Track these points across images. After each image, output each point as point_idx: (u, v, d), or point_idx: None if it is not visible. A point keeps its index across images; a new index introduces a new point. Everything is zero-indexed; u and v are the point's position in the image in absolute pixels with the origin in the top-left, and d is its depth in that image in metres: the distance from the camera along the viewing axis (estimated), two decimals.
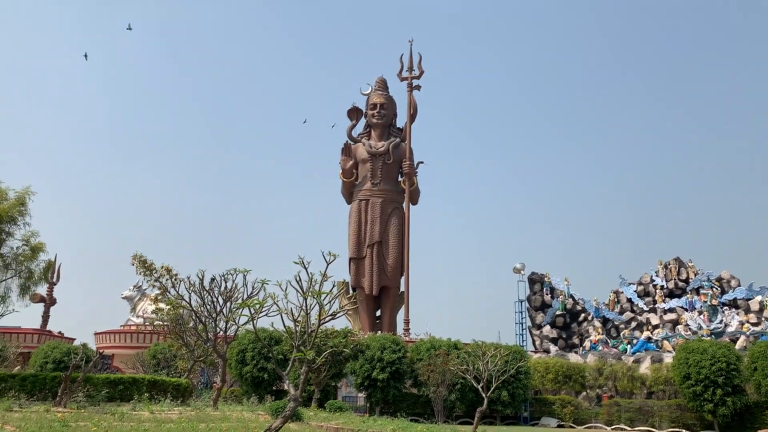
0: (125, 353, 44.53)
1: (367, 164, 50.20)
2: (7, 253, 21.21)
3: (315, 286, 14.81)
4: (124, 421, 16.39)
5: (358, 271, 48.25)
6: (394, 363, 32.64)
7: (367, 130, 52.38)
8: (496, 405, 32.43)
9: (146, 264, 26.96)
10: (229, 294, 23.84)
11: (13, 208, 20.86)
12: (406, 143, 50.81)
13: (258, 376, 33.35)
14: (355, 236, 48.95)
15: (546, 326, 51.66)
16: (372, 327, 46.52)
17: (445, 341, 34.72)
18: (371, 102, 51.96)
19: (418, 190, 51.27)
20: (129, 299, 51.18)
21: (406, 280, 47.92)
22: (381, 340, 33.82)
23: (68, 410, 17.92)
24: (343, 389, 37.28)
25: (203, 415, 18.81)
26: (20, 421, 15.07)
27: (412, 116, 51.86)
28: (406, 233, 48.97)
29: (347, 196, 51.38)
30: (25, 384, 20.96)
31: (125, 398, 21.49)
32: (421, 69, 52.45)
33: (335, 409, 25.48)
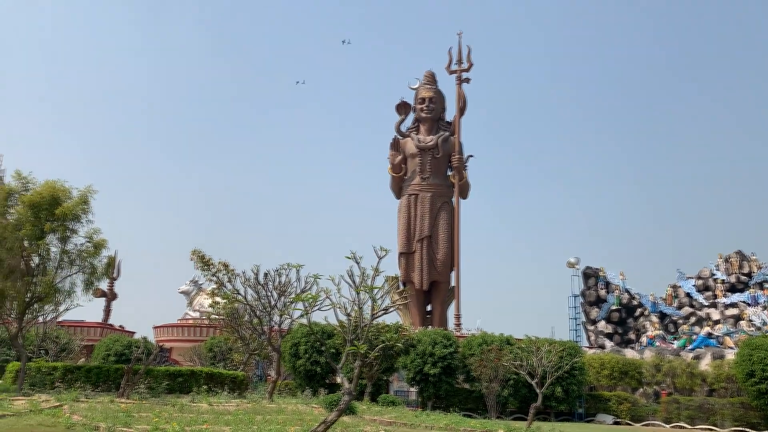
0: (183, 346, 45.77)
1: (416, 159, 50.10)
2: (72, 249, 21.94)
3: (367, 280, 14.92)
4: (184, 413, 16.88)
5: (408, 266, 48.26)
6: (445, 358, 32.57)
7: (416, 124, 52.26)
8: (550, 401, 32.02)
9: (204, 259, 27.57)
10: (283, 288, 24.24)
11: (77, 206, 21.61)
12: (456, 137, 50.49)
13: (311, 369, 33.76)
14: (405, 231, 48.95)
15: (601, 321, 50.63)
16: (422, 322, 46.52)
17: (498, 336, 34.44)
18: (420, 96, 51.80)
19: (468, 184, 50.89)
20: (186, 294, 52.55)
21: (456, 274, 47.69)
22: (432, 335, 33.79)
23: (131, 401, 18.55)
24: (395, 383, 37.40)
25: (259, 408, 19.20)
26: (87, 411, 15.71)
27: (461, 109, 51.46)
28: (456, 227, 48.70)
29: (396, 190, 51.38)
30: (90, 375, 21.77)
31: (184, 390, 22.09)
32: (470, 61, 51.99)
33: (388, 403, 25.59)
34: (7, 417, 14.64)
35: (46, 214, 21.07)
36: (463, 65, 51.92)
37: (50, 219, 21.09)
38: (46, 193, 21.26)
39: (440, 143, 49.95)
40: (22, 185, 22.14)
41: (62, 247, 21.86)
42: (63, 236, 21.68)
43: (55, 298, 22.10)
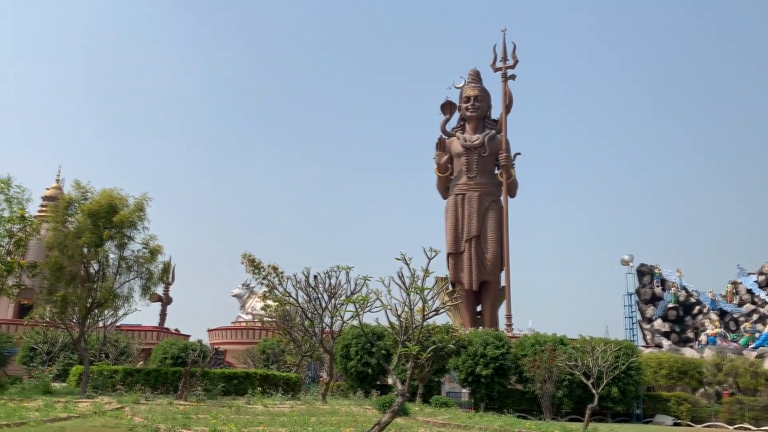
0: (236, 349, 46.63)
1: (463, 158, 49.77)
2: (129, 255, 22.60)
3: (417, 281, 14.88)
4: (240, 414, 17.15)
5: (456, 267, 47.96)
6: (497, 359, 32.24)
7: (462, 123, 51.93)
8: (607, 402, 31.32)
9: (254, 263, 28.06)
10: (334, 290, 24.41)
11: (133, 213, 22.23)
12: (502, 135, 49.94)
13: (362, 370, 33.89)
14: (453, 231, 48.66)
15: (657, 320, 49.22)
16: (473, 323, 46.14)
17: (551, 336, 33.90)
18: (465, 95, 51.46)
19: (516, 183, 50.26)
20: (238, 297, 53.57)
21: (506, 274, 47.14)
22: (483, 336, 33.50)
23: (189, 403, 18.97)
24: (447, 385, 37.22)
25: (313, 409, 19.37)
26: (147, 413, 16.11)
27: (508, 107, 50.85)
28: (505, 227, 48.14)
29: (443, 190, 51.14)
30: (149, 378, 22.36)
31: (239, 392, 22.47)
32: (516, 58, 51.38)
33: (440, 404, 25.48)
34: (73, 419, 15.14)
35: (104, 222, 21.75)
36: (508, 62, 51.33)
37: (108, 227, 21.75)
38: (104, 202, 21.94)
39: (487, 142, 49.50)
40: (81, 194, 22.88)
41: (120, 253, 22.53)
42: (121, 243, 22.35)
43: (115, 303, 22.78)
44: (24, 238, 21.86)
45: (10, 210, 21.13)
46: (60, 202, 23.05)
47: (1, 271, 20.79)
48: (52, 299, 22.55)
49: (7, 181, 21.04)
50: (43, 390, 21.39)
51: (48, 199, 51.42)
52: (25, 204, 21.78)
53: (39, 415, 15.16)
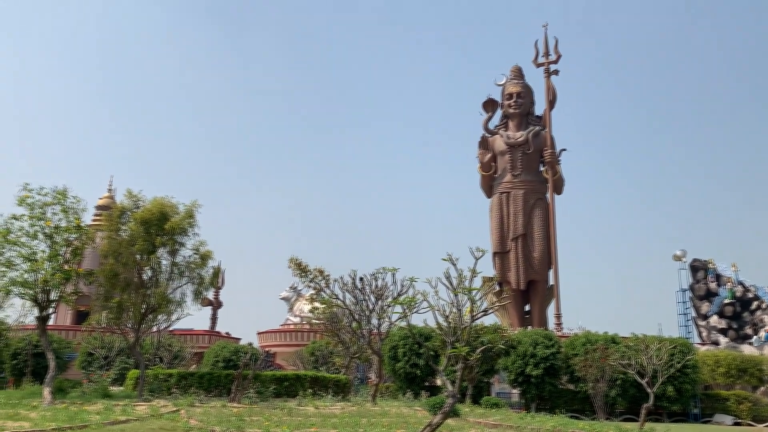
0: (285, 351, 47.18)
1: (506, 156, 49.30)
2: (181, 261, 23.12)
3: (464, 282, 14.80)
4: (292, 416, 17.35)
5: (503, 266, 47.52)
6: (547, 358, 31.80)
7: (504, 121, 51.45)
8: (662, 401, 30.54)
9: (301, 266, 28.32)
10: (380, 292, 24.47)
11: (184, 220, 22.72)
12: (547, 131, 49.31)
13: (410, 371, 33.86)
14: (498, 230, 48.23)
15: (713, 316, 47.76)
16: (521, 322, 45.65)
17: (602, 335, 33.25)
18: (507, 92, 50.99)
19: (562, 179, 49.52)
20: (286, 300, 54.19)
21: (554, 272, 46.48)
22: (533, 336, 33.09)
23: (242, 405, 19.29)
24: (496, 385, 36.89)
25: (364, 411, 19.45)
26: (202, 415, 16.45)
27: (551, 102, 50.20)
28: (552, 224, 47.48)
29: (487, 189, 50.74)
30: (203, 381, 22.81)
31: (290, 394, 22.72)
32: (558, 53, 50.71)
33: (491, 405, 25.28)
34: (132, 422, 15.57)
35: (156, 230, 22.28)
36: (551, 57, 50.70)
37: (160, 234, 22.28)
38: (156, 210, 22.48)
39: (531, 138, 48.93)
40: (134, 203, 23.49)
41: (172, 259, 23.04)
42: (172, 249, 22.86)
43: (168, 308, 23.31)
44: (80, 247, 22.52)
45: (67, 220, 21.79)
46: (113, 211, 23.71)
47: (60, 280, 21.44)
48: (108, 305, 23.21)
49: (63, 192, 21.72)
50: (102, 394, 22.05)
51: (101, 209, 53.02)
52: (81, 214, 22.41)
53: (100, 418, 15.64)
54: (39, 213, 21.30)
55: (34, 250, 21.23)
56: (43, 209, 21.36)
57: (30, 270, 21.04)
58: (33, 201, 21.32)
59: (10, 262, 20.91)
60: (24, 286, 21.08)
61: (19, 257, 21.02)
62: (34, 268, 21.00)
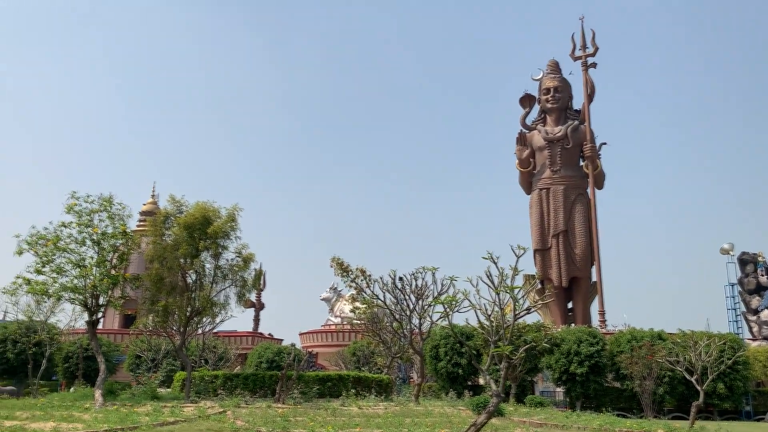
0: (327, 351, 47.49)
1: (545, 151, 48.70)
2: (224, 264, 23.47)
3: (506, 280, 14.65)
4: (336, 416, 17.46)
5: (544, 263, 46.94)
6: (592, 356, 31.30)
7: (542, 116, 50.84)
8: (712, 399, 29.77)
9: (343, 266, 28.50)
10: (420, 292, 24.42)
11: (226, 224, 23.06)
12: (586, 125, 48.54)
13: (452, 371, 33.72)
14: (539, 227, 47.67)
15: (764, 311, 46.34)
16: (564, 320, 45.04)
17: (648, 332, 32.58)
18: (544, 87, 50.38)
19: (603, 174, 48.69)
20: (327, 300, 54.56)
21: (597, 269, 45.73)
22: (576, 333, 32.61)
23: (286, 406, 19.50)
24: (540, 384, 36.49)
25: (407, 410, 19.45)
26: (248, 416, 16.68)
27: (590, 96, 49.41)
28: (594, 220, 46.73)
29: (526, 186, 50.19)
30: (248, 382, 23.14)
31: (333, 394, 22.87)
32: (596, 45, 49.87)
33: (535, 404, 24.99)
34: (180, 423, 15.88)
35: (199, 234, 22.67)
36: (588, 50, 49.90)
37: (203, 238, 22.66)
38: (198, 214, 22.88)
39: (570, 133, 48.24)
40: (177, 208, 23.96)
41: (215, 263, 23.44)
42: (215, 253, 23.25)
43: (212, 310, 23.70)
44: (126, 253, 23.09)
45: (113, 226, 22.36)
46: (157, 216, 24.22)
47: (108, 284, 22.01)
48: (154, 309, 23.71)
49: (109, 199, 22.30)
50: (151, 395, 22.55)
51: (145, 214, 54.19)
52: (126, 220, 23.00)
53: (149, 419, 16.00)
54: (86, 220, 21.92)
55: (82, 256, 21.87)
56: (90, 216, 21.97)
57: (79, 276, 21.66)
58: (80, 209, 21.95)
59: (60, 269, 21.56)
60: (74, 292, 21.72)
61: (68, 263, 21.67)
62: (83, 274, 21.61)
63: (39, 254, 21.43)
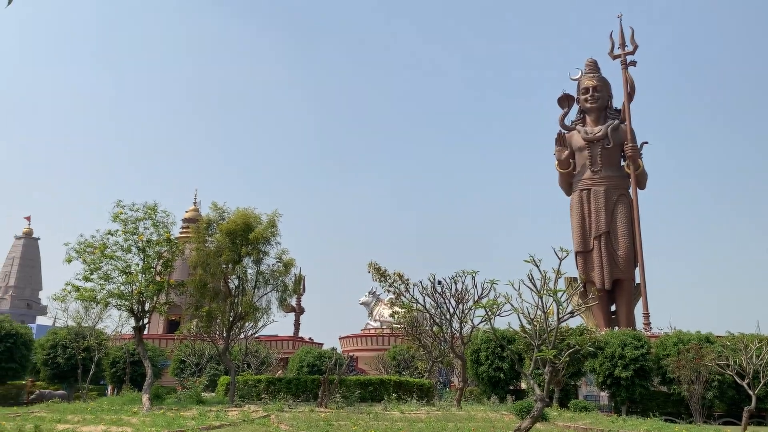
0: (367, 355, 47.62)
1: (585, 152, 48.00)
2: (266, 270, 23.74)
3: (549, 283, 14.48)
4: (378, 421, 17.46)
5: (586, 266, 46.22)
6: (637, 360, 30.69)
7: (581, 116, 50.16)
8: (765, 403, 28.83)
9: (380, 271, 28.55)
10: (460, 296, 24.28)
11: (267, 230, 23.33)
12: (626, 124, 47.71)
13: (494, 375, 33.45)
14: (580, 228, 46.98)
15: None
16: (608, 323, 44.26)
17: (695, 334, 31.81)
18: (583, 86, 49.70)
19: (645, 173, 47.74)
20: (366, 305, 54.78)
21: (641, 271, 44.82)
22: (621, 337, 32.03)
23: (329, 410, 19.58)
24: (584, 388, 35.91)
25: (449, 415, 19.34)
26: (292, 420, 16.82)
27: (630, 95, 48.54)
28: (636, 221, 45.86)
29: (566, 187, 49.54)
30: (290, 387, 23.33)
31: (375, 398, 22.88)
32: (635, 43, 48.99)
33: (579, 408, 24.64)
34: (225, 427, 16.11)
35: (241, 240, 22.98)
36: (627, 48, 49.06)
37: (245, 244, 22.95)
38: (240, 221, 23.19)
39: (610, 133, 47.47)
40: (219, 215, 24.33)
41: (257, 268, 23.70)
42: (257, 258, 23.52)
43: (255, 315, 23.98)
44: (171, 259, 23.53)
45: (158, 234, 22.83)
46: (200, 223, 24.62)
47: (153, 291, 22.47)
48: (198, 314, 24.10)
49: (153, 207, 22.78)
50: (196, 399, 22.91)
51: (188, 221, 55.23)
52: (170, 227, 23.47)
53: (195, 423, 16.27)
54: (132, 228, 22.43)
55: (128, 263, 22.37)
56: (135, 224, 22.48)
57: (126, 282, 22.17)
58: (126, 217, 22.48)
59: (107, 276, 22.10)
60: (121, 298, 22.24)
61: (115, 270, 22.19)
62: (130, 281, 22.11)
63: (87, 262, 21.99)
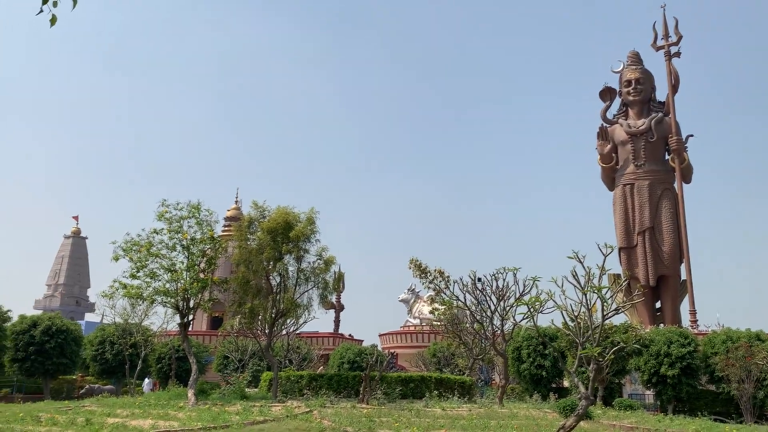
0: (407, 352, 47.62)
1: (628, 145, 47.11)
2: (306, 267, 23.96)
3: (593, 280, 14.26)
4: (420, 417, 17.46)
5: (630, 262, 45.37)
6: (683, 358, 29.98)
7: (624, 109, 49.25)
8: None
9: (421, 268, 28.51)
10: (502, 293, 24.10)
11: (306, 227, 23.55)
12: (671, 117, 46.60)
13: (536, 373, 33.10)
14: (623, 224, 46.13)
15: None
16: (652, 320, 43.37)
17: (744, 332, 30.89)
18: (625, 79, 48.76)
19: (691, 167, 46.58)
20: (405, 302, 54.76)
21: (687, 266, 43.77)
22: (666, 334, 31.33)
23: (370, 406, 19.65)
24: (628, 386, 35.28)
25: (491, 412, 19.22)
26: (334, 416, 16.94)
27: (674, 87, 47.41)
28: (682, 215, 44.80)
29: (609, 182, 48.70)
30: (332, 383, 23.47)
31: (416, 395, 22.86)
32: (679, 34, 47.85)
33: (624, 407, 24.17)
34: (269, 422, 16.34)
35: (282, 238, 23.26)
36: (671, 38, 47.92)
37: (286, 241, 23.23)
38: (280, 219, 23.46)
39: (653, 126, 46.47)
40: (260, 213, 24.66)
41: (298, 266, 23.95)
42: (297, 256, 23.76)
43: (296, 312, 24.25)
44: (214, 257, 23.95)
45: (201, 232, 23.26)
46: (242, 222, 25.00)
47: (198, 288, 22.90)
48: (240, 311, 24.47)
49: (197, 206, 23.21)
50: (240, 395, 23.27)
51: (230, 220, 56.06)
52: (213, 226, 23.88)
53: (239, 418, 16.54)
54: (176, 227, 22.90)
55: (173, 261, 22.84)
56: (180, 223, 22.94)
57: (171, 280, 22.64)
58: (171, 216, 22.97)
59: (153, 273, 22.61)
60: (166, 295, 22.73)
61: (161, 268, 22.69)
62: (175, 278, 22.58)
63: (133, 260, 22.53)
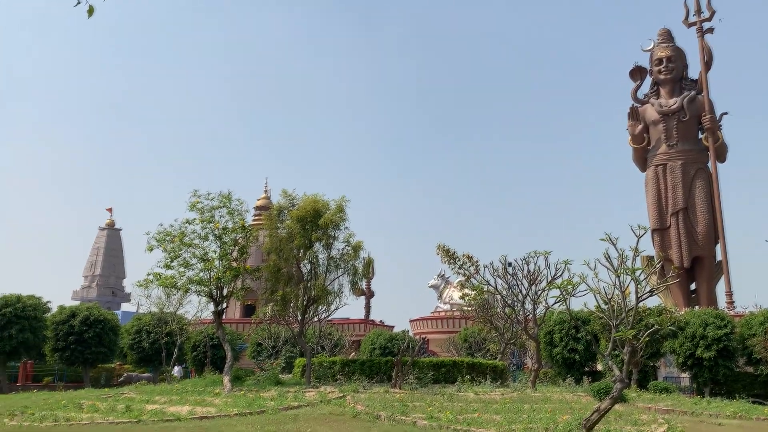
0: (438, 338, 47.69)
1: (660, 125, 46.21)
2: (336, 254, 24.13)
3: (626, 262, 14.10)
4: (453, 402, 17.53)
5: (663, 243, 44.67)
6: (720, 340, 29.45)
7: (655, 88, 48.26)
8: None
9: (449, 253, 28.54)
10: (533, 276, 23.98)
11: (335, 215, 23.68)
12: (704, 95, 45.56)
13: (569, 357, 32.87)
14: (656, 205, 45.38)
15: None
16: (687, 302, 42.72)
17: None
18: (656, 57, 47.74)
19: (725, 146, 45.55)
20: (435, 287, 54.80)
21: (722, 247, 42.94)
22: (702, 316, 30.80)
23: (403, 391, 19.79)
24: (663, 369, 34.86)
25: (525, 396, 19.20)
26: (367, 401, 17.10)
27: (707, 64, 46.28)
28: (717, 195, 43.89)
29: (640, 163, 47.89)
30: (364, 368, 23.69)
31: (448, 380, 22.96)
32: (712, 9, 46.62)
33: (660, 390, 23.95)
34: (303, 407, 16.58)
35: (311, 226, 23.41)
36: (704, 14, 46.75)
37: (315, 229, 23.39)
38: (309, 207, 23.61)
39: (686, 104, 45.48)
40: (289, 202, 24.84)
41: (328, 253, 24.10)
42: (327, 243, 23.91)
43: (327, 299, 24.45)
44: (246, 246, 24.25)
45: (233, 221, 23.56)
46: (272, 210, 25.22)
47: (230, 276, 23.23)
48: (273, 299, 24.75)
49: (228, 196, 23.51)
50: (274, 381, 23.61)
51: (260, 209, 56.53)
52: (244, 215, 24.18)
53: (274, 404, 16.80)
54: (208, 216, 23.23)
55: (206, 250, 23.21)
56: (211, 213, 23.27)
57: (204, 269, 23.01)
58: (202, 206, 23.30)
59: (187, 263, 22.99)
60: (200, 284, 23.11)
61: (194, 258, 23.06)
62: (208, 267, 22.94)
63: (167, 250, 22.92)
